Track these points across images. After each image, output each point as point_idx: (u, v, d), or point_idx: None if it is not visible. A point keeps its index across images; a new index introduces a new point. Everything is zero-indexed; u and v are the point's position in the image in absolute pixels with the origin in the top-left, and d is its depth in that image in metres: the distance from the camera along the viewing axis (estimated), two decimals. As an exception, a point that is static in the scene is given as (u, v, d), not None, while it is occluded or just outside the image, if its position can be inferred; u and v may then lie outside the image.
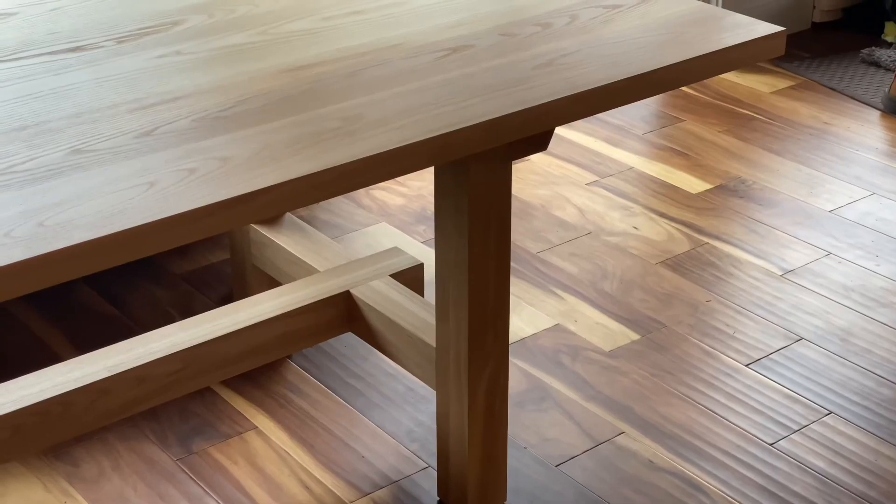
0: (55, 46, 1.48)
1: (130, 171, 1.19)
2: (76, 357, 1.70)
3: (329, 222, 2.54)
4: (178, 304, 2.26)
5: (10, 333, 2.17)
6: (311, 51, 1.50)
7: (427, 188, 2.70)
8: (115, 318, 2.21)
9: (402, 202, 2.65)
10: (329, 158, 1.23)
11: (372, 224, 2.56)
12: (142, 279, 2.33)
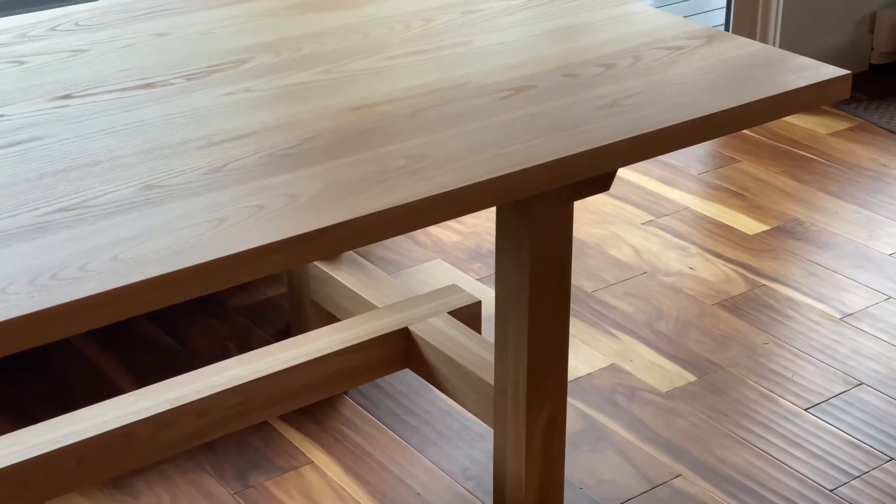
0: (126, 83, 1.51)
1: (200, 206, 1.21)
2: (137, 389, 1.72)
3: (385, 258, 2.55)
4: (236, 337, 2.28)
5: (71, 364, 2.20)
6: (376, 89, 1.51)
7: (482, 225, 2.71)
8: (173, 351, 2.24)
9: (458, 239, 2.66)
10: (395, 197, 1.24)
11: (427, 261, 2.57)
12: (200, 312, 2.35)
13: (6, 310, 1.02)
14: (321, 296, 2.08)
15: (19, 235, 1.14)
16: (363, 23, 1.73)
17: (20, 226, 1.16)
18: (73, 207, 1.20)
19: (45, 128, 1.38)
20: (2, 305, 1.02)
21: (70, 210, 1.19)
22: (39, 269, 1.08)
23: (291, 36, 1.68)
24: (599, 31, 1.72)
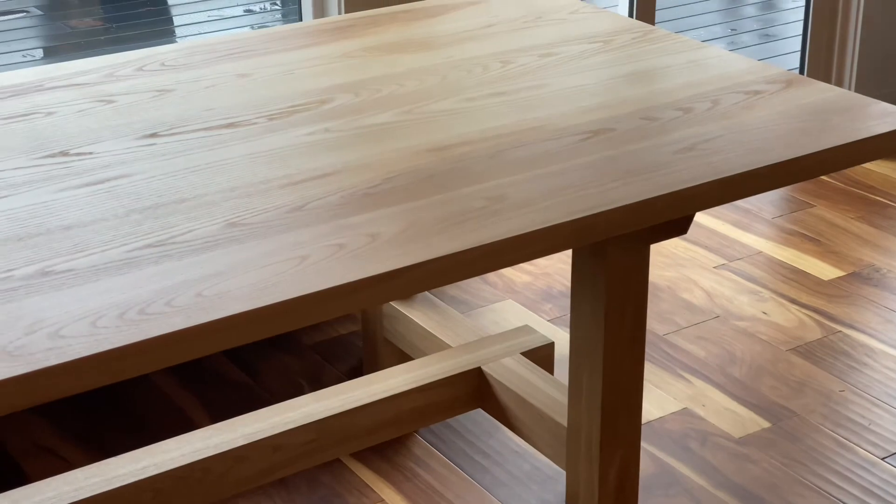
0: (211, 122, 1.54)
1: (283, 244, 1.23)
2: (211, 424, 1.74)
3: (457, 298, 2.56)
4: (308, 374, 2.29)
5: (147, 398, 2.23)
6: (455, 131, 1.53)
7: (553, 266, 2.71)
8: (247, 387, 2.26)
9: (529, 280, 2.66)
10: (475, 237, 1.25)
11: (498, 301, 2.57)
12: (274, 349, 2.37)
13: (96, 343, 1.04)
14: (394, 334, 2.09)
15: (109, 270, 1.16)
16: (441, 65, 1.75)
17: (110, 261, 1.18)
18: (160, 244, 1.22)
19: (132, 165, 1.41)
20: (92, 339, 1.05)
21: (157, 246, 1.22)
22: (128, 303, 1.11)
23: (371, 77, 1.70)
24: (676, 74, 1.72)
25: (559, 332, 2.42)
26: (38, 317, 1.08)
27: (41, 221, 1.26)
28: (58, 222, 1.26)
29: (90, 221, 1.27)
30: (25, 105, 1.57)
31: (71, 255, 1.19)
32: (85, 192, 1.33)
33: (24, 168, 1.39)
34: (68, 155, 1.43)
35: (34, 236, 1.23)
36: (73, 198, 1.32)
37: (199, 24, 4.38)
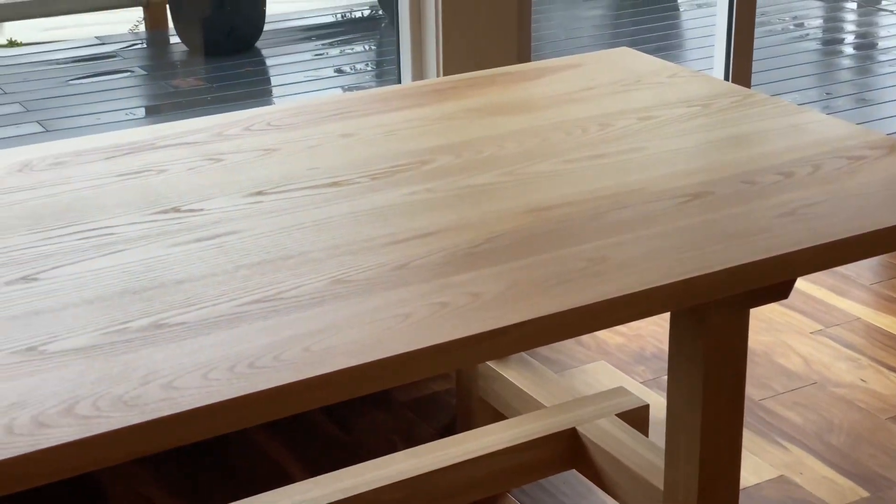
0: (315, 181, 1.58)
1: (387, 302, 1.25)
2: (305, 478, 1.76)
3: (549, 358, 2.57)
4: (401, 431, 2.31)
5: (240, 449, 2.26)
6: (556, 192, 1.54)
7: (645, 328, 2.70)
8: (340, 441, 2.28)
9: (622, 341, 2.65)
10: (577, 298, 1.26)
11: (591, 362, 2.57)
12: (367, 404, 2.39)
13: (207, 395, 1.07)
14: (488, 393, 2.10)
15: (219, 324, 1.20)
16: (541, 127, 1.77)
17: (220, 315, 1.22)
18: (268, 299, 1.25)
19: (240, 222, 1.45)
20: (203, 390, 1.08)
21: (265, 301, 1.25)
22: (237, 356, 1.14)
23: (472, 139, 1.73)
24: (776, 139, 1.72)
25: (652, 395, 2.40)
26: (152, 368, 1.11)
27: (155, 275, 1.30)
28: (171, 276, 1.30)
29: (201, 276, 1.30)
30: (139, 162, 1.62)
31: (183, 309, 1.23)
32: (196, 248, 1.37)
33: (139, 223, 1.44)
34: (180, 211, 1.47)
35: (148, 289, 1.27)
36: (185, 253, 1.36)
37: (295, 84, 4.48)
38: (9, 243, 1.38)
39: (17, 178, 1.57)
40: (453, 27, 2.39)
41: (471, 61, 2.41)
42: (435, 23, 2.39)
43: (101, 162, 1.63)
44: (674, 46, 4.94)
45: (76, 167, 1.61)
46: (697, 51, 4.80)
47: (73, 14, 4.95)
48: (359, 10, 5.15)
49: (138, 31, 4.82)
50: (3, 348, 1.15)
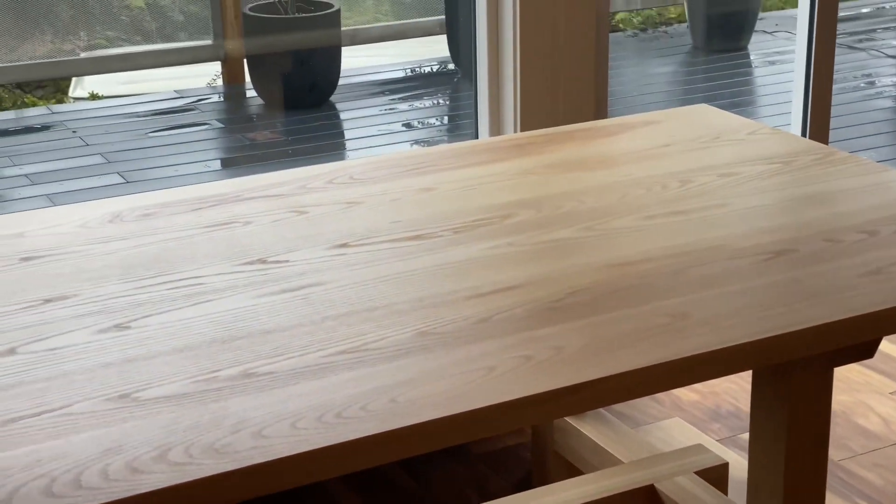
0: (397, 234, 1.60)
1: (471, 354, 1.26)
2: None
3: (623, 413, 2.55)
4: (476, 484, 2.30)
5: (313, 498, 2.27)
6: (636, 247, 1.55)
7: (720, 385, 2.68)
8: (414, 493, 2.28)
9: (696, 398, 2.63)
10: (660, 354, 1.26)
11: (665, 418, 2.55)
12: (442, 457, 2.40)
13: (296, 444, 1.09)
14: (564, 447, 2.10)
15: (307, 374, 1.21)
16: (621, 182, 1.78)
17: (307, 365, 1.23)
18: (354, 350, 1.27)
19: (325, 274, 1.47)
20: (292, 439, 1.09)
21: (351, 352, 1.26)
22: (325, 406, 1.15)
23: (551, 194, 1.74)
24: (859, 197, 1.71)
25: (730, 453, 2.38)
26: (242, 416, 1.13)
27: (243, 325, 1.33)
28: (258, 326, 1.32)
29: (288, 326, 1.33)
30: (225, 214, 1.66)
31: (272, 359, 1.25)
32: (282, 299, 1.40)
33: (226, 274, 1.47)
34: (266, 262, 1.50)
35: (237, 339, 1.29)
36: (272, 303, 1.38)
37: (369, 137, 4.54)
38: (102, 292, 1.41)
39: (109, 228, 1.61)
40: (531, 83, 2.42)
41: (548, 116, 2.43)
42: (513, 79, 2.41)
43: (188, 214, 1.66)
44: (747, 102, 4.93)
45: (164, 218, 1.64)
46: (771, 107, 4.79)
47: (154, 69, 5.07)
48: (431, 65, 5.21)
49: (216, 85, 4.92)
50: (97, 394, 1.18)
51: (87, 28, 5.19)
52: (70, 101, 4.93)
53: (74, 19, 5.18)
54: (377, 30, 5.32)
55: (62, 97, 5.00)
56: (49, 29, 5.16)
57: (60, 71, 4.94)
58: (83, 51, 5.28)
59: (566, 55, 2.44)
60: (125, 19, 5.62)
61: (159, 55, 5.13)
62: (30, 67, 4.82)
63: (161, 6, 5.70)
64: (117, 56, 5.09)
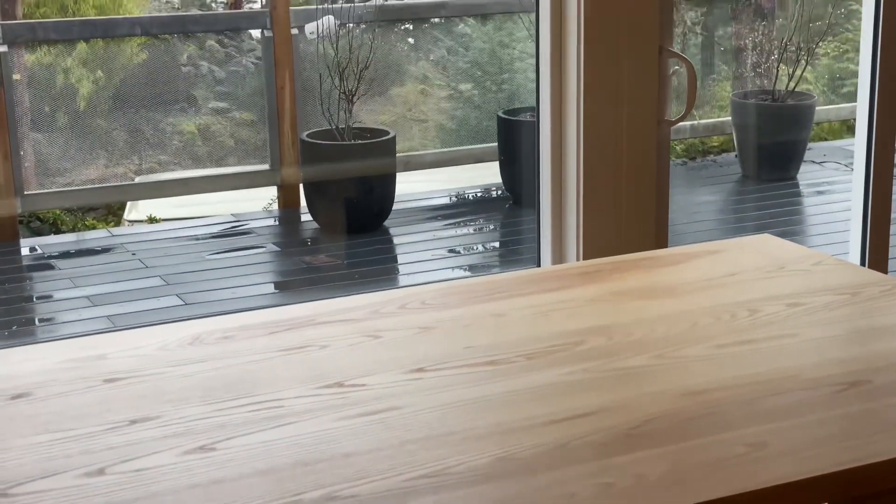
0: (472, 360, 1.62)
1: (551, 480, 1.27)
2: None
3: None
4: None
5: None
6: (709, 376, 1.56)
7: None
8: None
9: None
10: (740, 484, 1.27)
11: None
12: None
13: (384, 568, 1.10)
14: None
15: (389, 498, 1.23)
16: (689, 311, 1.80)
17: (389, 489, 1.25)
18: (435, 474, 1.28)
19: (402, 398, 1.49)
20: (381, 563, 1.10)
21: (432, 477, 1.28)
22: (410, 531, 1.16)
23: (621, 322, 1.76)
24: (929, 328, 1.72)
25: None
26: (329, 539, 1.14)
27: (324, 448, 1.34)
28: (339, 449, 1.34)
29: (368, 450, 1.34)
30: (301, 338, 1.69)
31: (354, 482, 1.26)
32: (361, 422, 1.41)
33: (305, 397, 1.49)
34: (343, 386, 1.52)
35: (319, 462, 1.31)
36: (351, 427, 1.40)
37: (423, 262, 4.59)
38: (185, 414, 1.44)
39: (189, 350, 1.64)
40: (594, 211, 2.46)
41: (609, 245, 2.47)
42: (576, 207, 2.45)
43: (265, 337, 1.69)
44: (798, 232, 4.96)
45: (242, 341, 1.67)
46: (824, 236, 4.80)
47: (211, 193, 5.18)
48: (484, 191, 5.29)
49: (272, 210, 5.02)
50: (185, 515, 1.20)
51: (140, 152, 5.33)
52: (126, 224, 5.04)
53: (128, 143, 5.32)
54: (430, 156, 5.42)
55: (114, 219, 5.12)
56: (103, 153, 5.30)
57: (121, 195, 5.06)
58: (136, 174, 5.41)
59: (628, 184, 2.48)
60: (177, 143, 5.77)
61: (216, 180, 5.25)
62: (90, 192, 4.95)
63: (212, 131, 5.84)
64: (176, 181, 5.21)
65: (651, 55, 2.47)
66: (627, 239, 2.49)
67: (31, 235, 4.70)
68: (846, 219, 3.10)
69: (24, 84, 4.85)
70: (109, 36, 5.15)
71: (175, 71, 5.38)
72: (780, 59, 5.44)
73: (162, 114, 5.37)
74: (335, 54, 4.67)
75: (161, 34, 5.25)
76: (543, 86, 2.50)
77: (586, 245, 2.46)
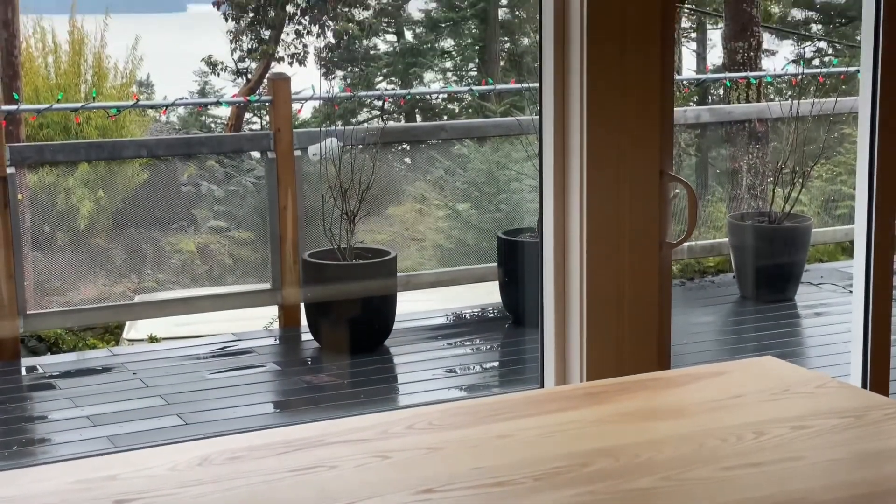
0: (480, 481, 1.62)
1: None
2: None
3: None
4: None
5: None
6: (717, 499, 1.56)
7: None
8: None
9: None
10: None
11: None
12: None
13: None
14: None
15: None
16: (696, 433, 1.80)
17: None
18: None
19: (412, 520, 1.49)
20: None
21: None
22: None
23: (628, 443, 1.77)
24: (934, 450, 1.73)
25: None
26: None
27: (336, 570, 1.34)
28: (350, 572, 1.34)
29: (379, 572, 1.34)
30: (310, 458, 1.69)
31: None
32: (372, 544, 1.41)
33: (315, 518, 1.49)
34: (353, 507, 1.53)
35: (330, 584, 1.31)
36: (362, 549, 1.40)
37: (423, 381, 4.60)
38: (195, 534, 1.44)
39: (198, 471, 1.64)
40: (596, 332, 2.48)
41: (613, 365, 2.48)
42: (579, 328, 2.48)
43: (274, 457, 1.70)
44: (797, 353, 4.97)
45: (251, 462, 1.68)
46: (822, 358, 4.82)
47: (212, 312, 5.20)
48: (483, 310, 5.32)
49: (272, 329, 5.03)
50: None
51: (139, 271, 5.36)
52: (125, 343, 5.05)
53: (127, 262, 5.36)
54: (431, 276, 5.46)
55: (114, 337, 5.13)
56: (101, 271, 5.34)
57: (122, 315, 5.07)
58: (135, 293, 5.43)
59: (630, 305, 2.51)
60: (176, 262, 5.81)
61: (217, 300, 5.28)
62: (91, 312, 4.97)
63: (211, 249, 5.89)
64: (176, 300, 5.23)
65: (652, 179, 2.52)
66: (631, 359, 2.50)
67: (32, 354, 4.71)
68: (846, 341, 3.13)
69: (26, 204, 4.92)
70: (115, 158, 5.23)
71: (175, 190, 5.45)
72: (775, 181, 5.52)
73: (161, 232, 5.42)
74: (338, 175, 4.74)
75: (165, 156, 5.33)
76: (547, 208, 2.55)
77: (590, 366, 2.48)
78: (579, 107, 2.46)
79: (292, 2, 11.61)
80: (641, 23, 2.45)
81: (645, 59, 2.47)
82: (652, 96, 2.49)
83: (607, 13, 2.42)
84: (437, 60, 14.55)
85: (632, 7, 2.44)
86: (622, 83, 2.46)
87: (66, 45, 8.86)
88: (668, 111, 2.53)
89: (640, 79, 2.47)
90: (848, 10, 10.61)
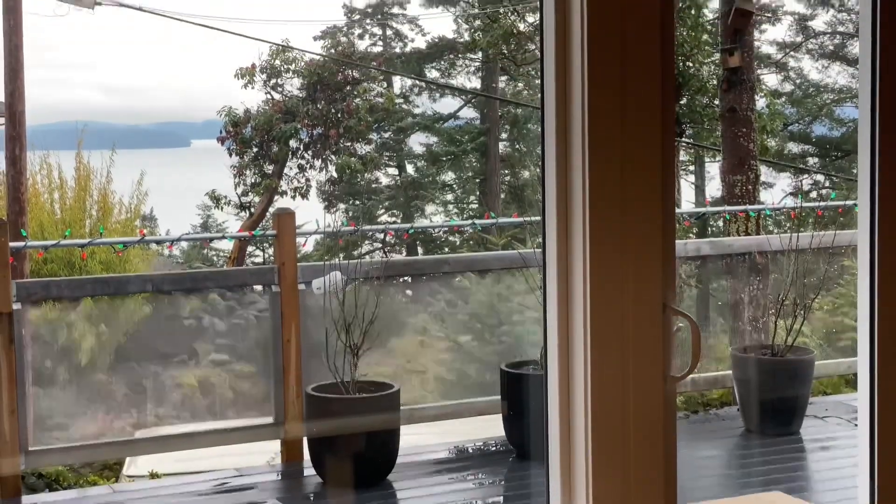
0: None
1: None
2: None
3: None
4: None
5: None
6: None
7: None
8: None
9: None
10: None
11: None
12: None
13: None
14: None
15: None
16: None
17: None
18: None
19: None
20: None
21: None
22: None
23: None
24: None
25: None
26: None
27: None
28: None
29: None
30: None
31: None
32: None
33: None
34: None
35: None
36: None
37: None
38: None
39: None
40: (602, 467, 2.46)
41: (619, 501, 2.46)
42: (585, 463, 2.46)
43: None
44: (803, 488, 4.92)
45: None
46: (830, 493, 4.77)
47: (214, 447, 5.16)
48: (484, 444, 5.28)
49: (275, 464, 4.99)
50: None
51: (139, 406, 5.35)
52: (125, 479, 5.00)
53: (128, 397, 5.34)
54: (434, 409, 5.43)
55: (110, 473, 5.08)
56: (102, 407, 5.32)
57: (122, 451, 5.04)
58: (135, 428, 5.41)
59: (636, 439, 2.50)
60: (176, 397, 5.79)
61: (219, 435, 5.24)
62: (92, 449, 4.92)
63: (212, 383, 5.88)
64: (177, 436, 5.20)
65: (655, 313, 2.53)
66: (637, 494, 2.48)
67: (31, 492, 4.66)
68: (852, 475, 3.10)
69: (28, 340, 4.93)
70: (120, 293, 5.26)
71: (177, 324, 5.46)
72: (777, 313, 5.54)
73: (163, 366, 5.41)
74: (342, 309, 4.75)
75: (170, 290, 5.36)
76: (551, 342, 2.56)
77: (596, 501, 2.46)
78: (581, 240, 2.49)
79: (295, 137, 11.80)
80: (641, 154, 2.50)
81: (646, 189, 2.51)
82: (654, 231, 2.52)
83: (608, 146, 2.47)
84: (439, 193, 14.74)
85: (631, 143, 2.49)
86: (622, 224, 2.49)
87: (72, 180, 8.98)
88: (669, 245, 2.56)
89: (641, 215, 2.50)
90: (843, 144, 10.78)
